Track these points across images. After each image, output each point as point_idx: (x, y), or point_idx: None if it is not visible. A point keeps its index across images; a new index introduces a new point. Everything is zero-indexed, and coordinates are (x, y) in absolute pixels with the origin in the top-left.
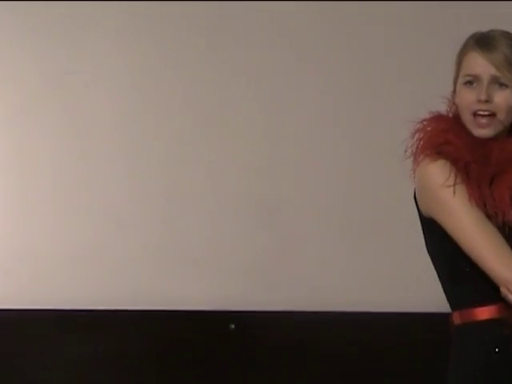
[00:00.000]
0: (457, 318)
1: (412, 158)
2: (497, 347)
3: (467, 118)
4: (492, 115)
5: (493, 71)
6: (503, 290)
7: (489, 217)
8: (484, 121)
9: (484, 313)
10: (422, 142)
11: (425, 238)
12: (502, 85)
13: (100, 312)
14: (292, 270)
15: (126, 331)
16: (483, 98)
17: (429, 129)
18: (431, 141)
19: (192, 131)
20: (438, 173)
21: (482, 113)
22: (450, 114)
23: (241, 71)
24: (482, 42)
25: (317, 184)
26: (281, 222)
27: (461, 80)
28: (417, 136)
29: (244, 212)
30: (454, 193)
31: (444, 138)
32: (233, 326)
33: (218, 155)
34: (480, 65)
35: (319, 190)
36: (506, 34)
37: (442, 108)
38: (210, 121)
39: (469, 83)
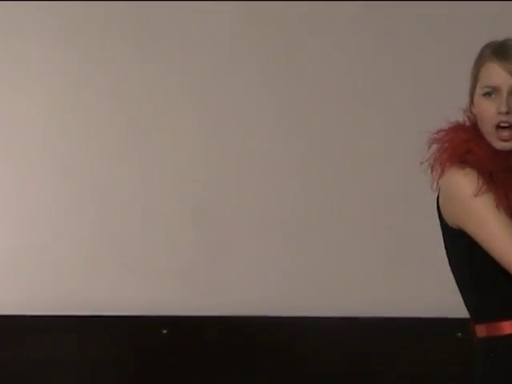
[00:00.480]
0: (482, 331)
1: (431, 168)
2: None
3: (488, 130)
4: None
5: None
6: None
7: None
8: (506, 133)
9: None
10: (444, 152)
11: (448, 247)
12: None
13: (29, 318)
14: (225, 274)
15: (57, 337)
16: (504, 110)
17: (447, 138)
18: (454, 150)
19: (125, 135)
20: (467, 182)
21: (503, 124)
22: (468, 124)
23: (174, 74)
24: (500, 52)
25: (250, 189)
26: (214, 227)
27: (479, 91)
28: (436, 146)
29: (177, 216)
30: (485, 202)
31: (466, 147)
32: (165, 331)
33: (152, 159)
34: (499, 76)
35: (252, 195)
36: None
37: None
38: (145, 124)
39: (487, 94)
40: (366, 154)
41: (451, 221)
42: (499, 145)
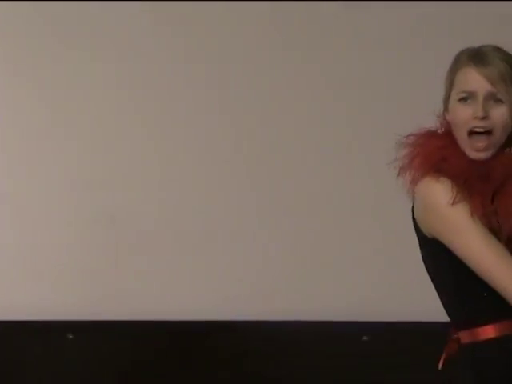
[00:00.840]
0: (466, 337)
1: (401, 172)
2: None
3: (463, 138)
4: (488, 132)
5: (489, 87)
6: None
7: (494, 233)
8: (480, 144)
9: (498, 329)
10: (416, 157)
11: (425, 257)
12: (498, 100)
13: None
14: (129, 279)
15: None
16: (480, 114)
17: (419, 143)
18: (428, 158)
19: (27, 141)
20: (442, 191)
21: (478, 130)
22: (440, 131)
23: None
24: (477, 57)
25: (153, 194)
26: (117, 232)
27: (455, 97)
28: (407, 151)
29: (79, 221)
30: (460, 212)
31: (441, 155)
32: (71, 336)
33: (54, 165)
34: (476, 80)
35: (156, 201)
36: (497, 49)
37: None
38: (45, 129)
39: (463, 100)
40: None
41: (426, 230)
42: (473, 155)
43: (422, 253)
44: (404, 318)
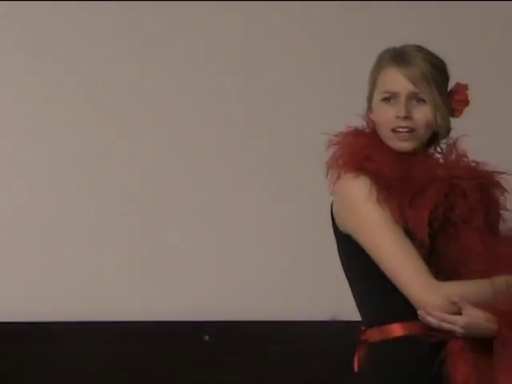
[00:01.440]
0: (375, 335)
1: (328, 171)
2: (415, 365)
3: (386, 134)
4: (411, 131)
5: (411, 87)
6: (421, 312)
7: (410, 235)
8: (404, 135)
9: (406, 328)
10: (342, 157)
11: (340, 254)
12: (420, 100)
13: None
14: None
15: None
16: (402, 114)
17: (346, 142)
18: (353, 156)
19: None
20: (359, 189)
21: (401, 130)
22: (367, 130)
23: None
24: (398, 57)
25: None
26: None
27: (378, 96)
28: (334, 149)
29: None
30: (375, 210)
31: (365, 153)
32: None
33: None
34: (398, 81)
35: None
36: (419, 48)
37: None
38: None
39: (386, 100)
40: None
41: (342, 226)
42: (398, 145)
43: (338, 249)
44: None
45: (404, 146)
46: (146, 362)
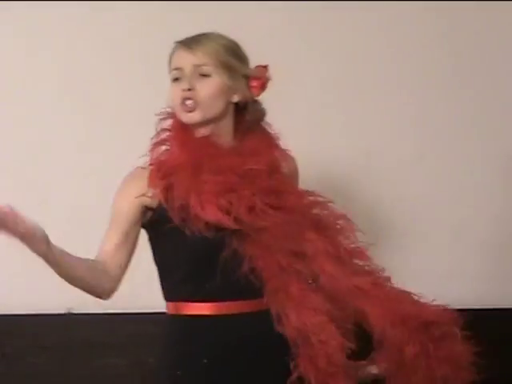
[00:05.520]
0: (171, 309)
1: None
2: (207, 348)
3: (177, 109)
4: (196, 103)
5: (194, 61)
6: None
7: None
8: (189, 106)
9: (174, 307)
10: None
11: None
12: (205, 75)
13: None
14: None
15: None
16: (186, 86)
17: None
18: (158, 145)
19: None
20: (124, 180)
21: (187, 102)
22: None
23: None
24: (185, 40)
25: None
26: None
27: (170, 79)
28: (157, 134)
29: None
30: (116, 202)
31: (163, 139)
32: None
33: None
34: (182, 57)
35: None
36: (210, 34)
37: None
38: None
39: (176, 80)
40: None
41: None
42: (186, 117)
43: None
44: None
45: (191, 116)
46: None
